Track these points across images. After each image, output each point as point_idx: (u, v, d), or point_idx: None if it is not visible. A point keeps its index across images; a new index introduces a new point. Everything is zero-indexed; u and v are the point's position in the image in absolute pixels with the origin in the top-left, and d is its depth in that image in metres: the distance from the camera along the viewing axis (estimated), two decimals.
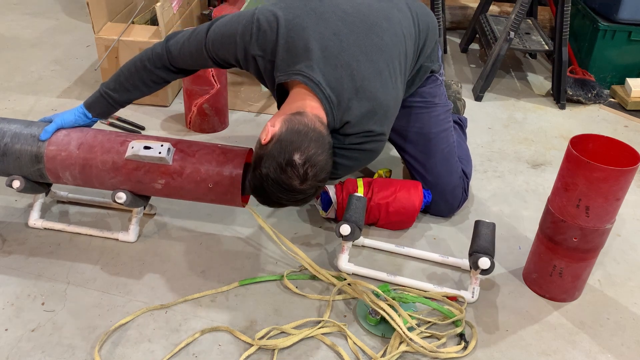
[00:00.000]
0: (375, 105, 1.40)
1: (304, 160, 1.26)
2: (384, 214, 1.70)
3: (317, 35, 1.37)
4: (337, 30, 1.39)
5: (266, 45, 1.39)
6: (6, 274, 1.51)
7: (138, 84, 1.56)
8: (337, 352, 1.34)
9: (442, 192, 1.75)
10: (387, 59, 1.43)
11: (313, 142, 1.27)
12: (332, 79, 1.36)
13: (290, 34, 1.36)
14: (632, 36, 2.61)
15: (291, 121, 1.30)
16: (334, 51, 1.37)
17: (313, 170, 1.27)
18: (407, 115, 1.71)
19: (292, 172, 1.26)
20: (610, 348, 1.41)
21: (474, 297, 1.49)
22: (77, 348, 1.32)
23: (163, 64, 1.54)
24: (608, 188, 1.32)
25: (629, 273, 1.65)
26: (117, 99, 1.58)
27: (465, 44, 3.08)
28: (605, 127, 2.45)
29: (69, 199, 1.78)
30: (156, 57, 1.53)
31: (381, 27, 1.45)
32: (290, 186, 1.27)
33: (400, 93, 1.49)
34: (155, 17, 2.51)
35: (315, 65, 1.35)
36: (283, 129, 1.29)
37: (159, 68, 1.54)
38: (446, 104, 1.76)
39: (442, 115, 1.74)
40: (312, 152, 1.27)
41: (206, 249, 1.63)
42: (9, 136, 1.53)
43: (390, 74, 1.44)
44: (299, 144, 1.26)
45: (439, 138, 1.73)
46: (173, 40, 1.53)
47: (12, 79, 2.55)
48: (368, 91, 1.39)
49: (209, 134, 2.21)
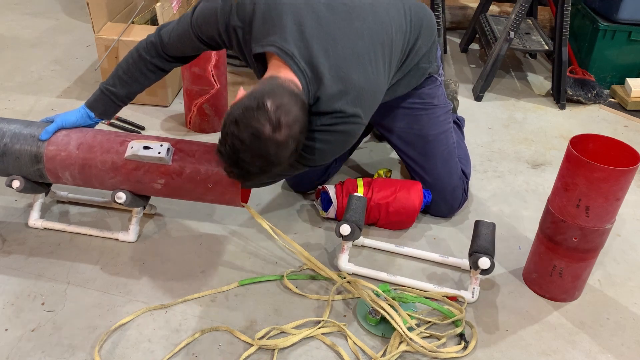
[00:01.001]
0: (349, 86, 1.36)
1: (276, 106, 1.20)
2: (384, 214, 1.70)
3: (294, 10, 1.35)
4: (316, 10, 1.37)
5: (245, 16, 1.38)
6: (6, 274, 1.51)
7: (136, 75, 1.56)
8: (337, 352, 1.34)
9: (442, 193, 1.75)
10: (368, 44, 1.40)
11: (287, 94, 1.23)
12: (306, 54, 1.33)
13: (268, 6, 1.35)
14: (632, 36, 2.61)
15: (263, 82, 1.28)
16: (309, 28, 1.34)
17: (286, 118, 1.20)
18: (406, 116, 1.71)
19: (262, 116, 1.19)
20: (610, 348, 1.41)
21: (474, 297, 1.49)
22: (77, 348, 1.32)
23: (157, 52, 1.55)
24: (608, 188, 1.32)
25: (629, 273, 1.65)
26: (118, 93, 1.58)
27: (465, 44, 3.08)
28: (605, 127, 2.45)
29: (69, 199, 1.78)
30: (150, 45, 1.54)
31: (365, 13, 1.42)
32: (260, 133, 1.20)
33: (381, 80, 1.45)
34: (155, 17, 2.51)
35: (289, 37, 1.33)
36: (255, 87, 1.26)
37: (154, 57, 1.55)
38: (446, 104, 1.75)
39: (442, 116, 1.73)
40: (285, 100, 1.21)
41: (206, 249, 1.63)
42: (8, 136, 1.53)
43: (371, 60, 1.40)
44: (271, 92, 1.22)
45: (439, 140, 1.73)
46: (165, 29, 1.54)
47: (12, 79, 2.55)
48: (342, 71, 1.35)
49: (209, 134, 2.21)
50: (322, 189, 1.76)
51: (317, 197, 1.77)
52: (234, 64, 2.74)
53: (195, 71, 2.08)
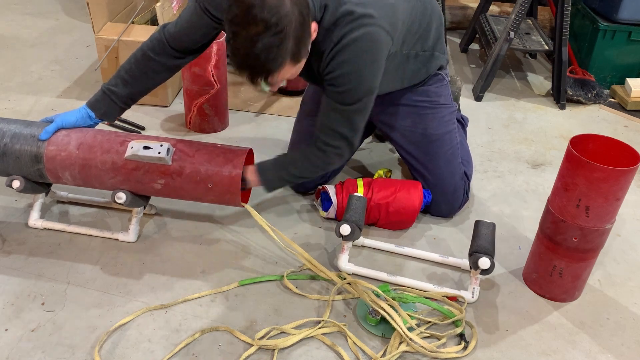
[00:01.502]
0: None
1: None
2: (384, 214, 1.70)
3: None
4: None
5: None
6: (6, 274, 1.51)
7: (137, 74, 1.55)
8: (337, 352, 1.34)
9: (443, 193, 1.75)
10: None
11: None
12: None
13: None
14: (632, 36, 2.61)
15: None
16: None
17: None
18: (411, 115, 1.71)
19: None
20: (610, 348, 1.41)
21: (474, 297, 1.49)
22: (77, 348, 1.32)
23: (162, 49, 1.53)
24: (608, 188, 1.32)
25: (629, 273, 1.65)
26: (119, 93, 1.56)
27: (465, 44, 3.08)
28: (605, 127, 2.45)
29: (69, 199, 1.78)
30: (155, 42, 1.53)
31: None
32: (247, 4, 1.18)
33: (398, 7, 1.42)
34: (155, 17, 2.51)
35: None
36: None
37: (159, 54, 1.53)
38: (451, 104, 1.75)
39: (447, 116, 1.73)
40: None
41: (206, 249, 1.63)
42: (8, 136, 1.53)
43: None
44: None
45: (443, 139, 1.72)
46: (169, 23, 1.53)
47: (12, 79, 2.55)
48: None
49: (209, 134, 2.21)
50: (322, 189, 1.76)
51: (317, 197, 1.77)
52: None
53: (195, 71, 2.08)
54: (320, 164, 1.52)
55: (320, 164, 1.52)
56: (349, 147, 1.50)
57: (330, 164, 1.53)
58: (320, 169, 1.54)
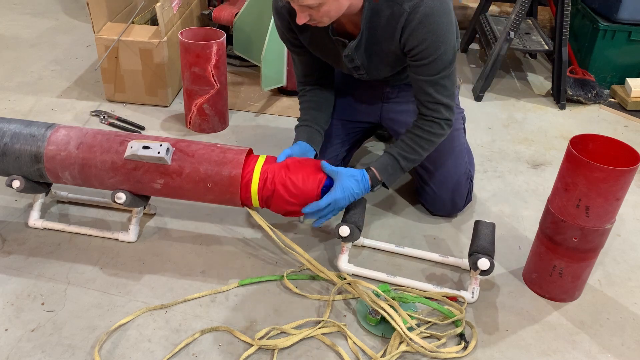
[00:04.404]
0: None
1: None
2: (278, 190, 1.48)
3: None
4: None
5: None
6: (6, 274, 1.51)
7: (312, 107, 1.70)
8: (337, 352, 1.34)
9: (449, 190, 1.74)
10: None
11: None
12: None
13: None
14: (632, 36, 2.61)
15: None
16: None
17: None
18: None
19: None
20: (610, 348, 1.41)
21: (474, 297, 1.49)
22: (77, 348, 1.32)
23: (303, 87, 1.72)
24: (608, 188, 1.32)
25: (629, 273, 1.65)
26: (314, 119, 1.69)
27: (465, 44, 3.08)
28: (605, 127, 2.45)
29: (69, 199, 1.78)
30: (299, 87, 1.74)
31: None
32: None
33: None
34: (155, 17, 2.51)
35: None
36: None
37: (308, 90, 1.71)
38: (459, 106, 1.76)
39: (456, 114, 1.73)
40: None
41: (206, 249, 1.63)
42: (8, 136, 1.53)
43: None
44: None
45: (453, 136, 1.72)
46: (299, 78, 1.73)
47: (12, 79, 2.55)
48: None
49: (209, 134, 2.21)
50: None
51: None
52: (234, 64, 2.74)
53: (195, 71, 2.08)
54: (434, 139, 1.55)
55: (435, 139, 1.55)
56: (452, 113, 1.53)
57: (443, 136, 1.56)
58: (434, 144, 1.56)
